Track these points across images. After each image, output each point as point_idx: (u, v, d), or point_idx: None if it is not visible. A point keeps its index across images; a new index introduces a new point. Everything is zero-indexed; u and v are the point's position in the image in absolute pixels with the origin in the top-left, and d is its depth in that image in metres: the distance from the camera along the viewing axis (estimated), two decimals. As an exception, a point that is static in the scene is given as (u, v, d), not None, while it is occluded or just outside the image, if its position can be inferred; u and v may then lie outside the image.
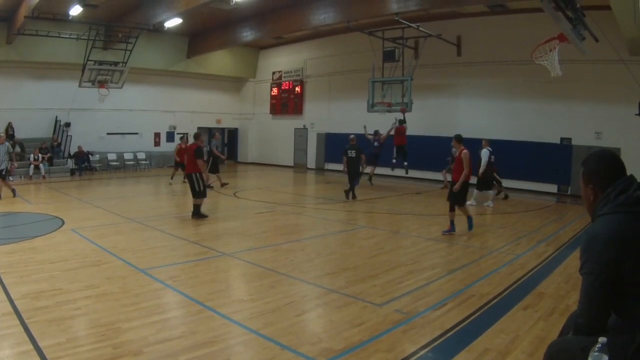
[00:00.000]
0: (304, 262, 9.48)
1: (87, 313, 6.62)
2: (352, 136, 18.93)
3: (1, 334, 5.87)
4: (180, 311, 6.90)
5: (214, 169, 20.81)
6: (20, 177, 23.48)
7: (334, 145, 28.91)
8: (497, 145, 20.73)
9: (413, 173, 23.16)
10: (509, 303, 7.16)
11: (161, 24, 23.27)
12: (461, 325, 6.26)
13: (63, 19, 22.19)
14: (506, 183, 20.74)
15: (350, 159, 18.17)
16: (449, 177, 18.17)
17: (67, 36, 23.60)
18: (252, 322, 6.32)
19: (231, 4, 19.48)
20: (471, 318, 6.53)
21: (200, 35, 29.78)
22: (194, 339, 5.81)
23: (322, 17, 21.70)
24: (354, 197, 18.12)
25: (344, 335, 5.94)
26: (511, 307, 6.97)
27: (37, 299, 7.08)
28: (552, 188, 20.98)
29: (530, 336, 5.94)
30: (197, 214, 13.68)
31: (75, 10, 20.89)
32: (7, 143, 17.19)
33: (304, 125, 31.74)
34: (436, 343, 5.72)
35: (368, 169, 22.25)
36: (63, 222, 12.98)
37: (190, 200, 13.93)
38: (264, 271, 8.71)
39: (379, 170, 22.79)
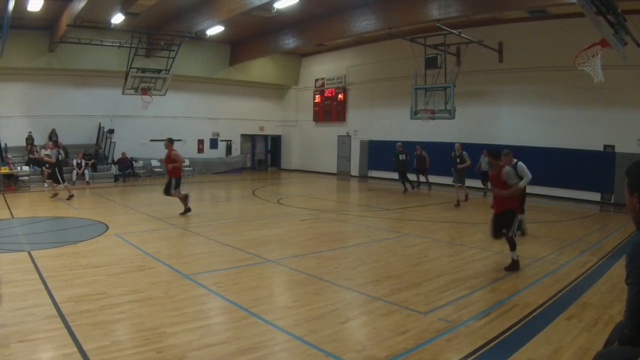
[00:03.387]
0: (348, 269, 9.36)
1: (131, 317, 6.63)
2: (399, 144, 21.63)
3: (46, 336, 5.91)
4: (224, 317, 6.86)
5: (55, 178, 20.24)
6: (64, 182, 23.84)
7: (378, 153, 28.76)
8: (539, 153, 20.79)
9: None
10: (553, 313, 6.97)
11: (203, 31, 23.50)
12: (504, 335, 6.12)
13: (105, 27, 22.58)
14: (548, 191, 20.76)
15: (401, 161, 21.84)
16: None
17: (110, 44, 23.96)
18: (296, 329, 6.25)
19: (272, 11, 19.61)
20: (514, 328, 6.38)
21: (242, 43, 30.02)
22: (238, 344, 5.76)
23: (364, 24, 21.69)
24: (412, 186, 22.52)
25: (388, 343, 5.85)
26: (555, 317, 6.78)
27: (81, 302, 7.11)
28: (596, 196, 20.48)
29: (573, 347, 5.77)
30: None
31: (117, 19, 21.28)
32: None
33: (347, 133, 31.67)
34: (480, 352, 5.60)
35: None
36: (107, 227, 13.12)
37: (236, 208, 13.88)
38: (308, 278, 8.61)
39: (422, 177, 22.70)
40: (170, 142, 15.75)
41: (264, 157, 37.44)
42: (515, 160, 11.09)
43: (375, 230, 13.65)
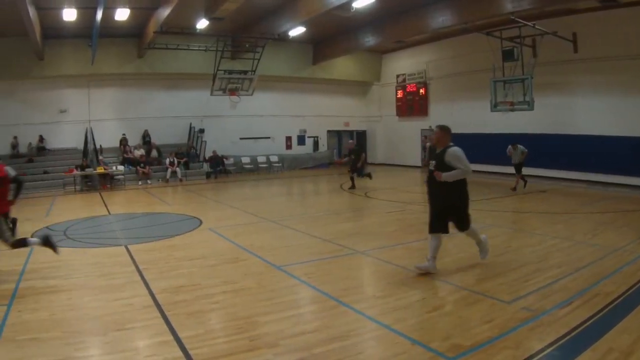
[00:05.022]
0: (433, 259, 9.31)
1: (224, 307, 6.86)
2: (350, 140, 23.10)
3: (143, 325, 6.21)
4: (314, 306, 6.96)
5: None
6: (158, 180, 24.75)
7: (460, 145, 28.39)
8: (616, 142, 20.31)
9: (537, 171, 22.64)
10: (633, 302, 6.74)
11: (285, 32, 23.97)
12: (586, 324, 5.98)
13: (191, 32, 23.38)
14: (626, 180, 20.08)
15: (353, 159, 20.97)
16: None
17: (196, 48, 24.73)
18: (384, 318, 6.30)
19: (351, 10, 19.78)
20: (596, 317, 6.22)
21: (324, 42, 30.30)
22: (328, 332, 5.85)
23: (440, 20, 21.63)
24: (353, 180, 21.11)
25: (473, 331, 5.83)
26: (634, 307, 6.54)
27: (176, 293, 7.41)
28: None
29: (653, 337, 5.60)
30: None
31: (202, 24, 21.97)
32: None
33: (430, 126, 31.22)
34: (562, 341, 5.50)
35: None
36: (201, 222, 13.56)
37: (325, 201, 13.87)
38: (395, 268, 8.61)
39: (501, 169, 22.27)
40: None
41: (350, 152, 37.45)
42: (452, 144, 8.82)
43: (458, 221, 13.51)
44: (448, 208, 8.22)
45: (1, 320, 6.44)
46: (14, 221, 9.78)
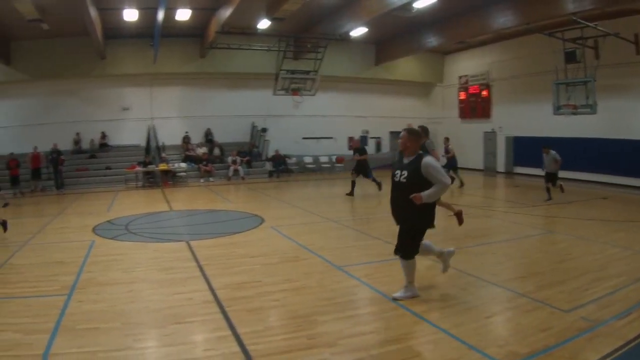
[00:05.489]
0: (494, 265, 9.18)
1: (284, 305, 6.94)
2: (357, 139, 23.08)
3: (202, 319, 6.37)
4: (373, 307, 6.96)
5: None
6: (220, 178, 25.24)
7: (523, 149, 27.97)
8: None
9: (598, 177, 22.45)
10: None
11: (347, 33, 24.04)
12: None
13: (252, 33, 23.73)
14: None
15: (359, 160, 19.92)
16: None
17: (258, 48, 24.97)
18: (442, 322, 6.27)
19: (412, 11, 19.69)
20: None
21: (386, 43, 30.27)
22: (386, 334, 5.90)
23: (502, 20, 21.45)
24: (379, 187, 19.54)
25: (530, 339, 5.75)
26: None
27: (237, 289, 7.56)
28: None
29: None
30: None
31: (263, 24, 22.33)
32: None
33: (493, 129, 30.86)
34: (618, 353, 5.36)
35: None
36: (262, 220, 13.72)
37: (386, 202, 13.78)
38: (455, 273, 8.51)
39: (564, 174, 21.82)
40: None
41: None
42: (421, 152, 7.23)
43: (520, 227, 13.23)
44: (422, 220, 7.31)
45: (61, 309, 6.70)
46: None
